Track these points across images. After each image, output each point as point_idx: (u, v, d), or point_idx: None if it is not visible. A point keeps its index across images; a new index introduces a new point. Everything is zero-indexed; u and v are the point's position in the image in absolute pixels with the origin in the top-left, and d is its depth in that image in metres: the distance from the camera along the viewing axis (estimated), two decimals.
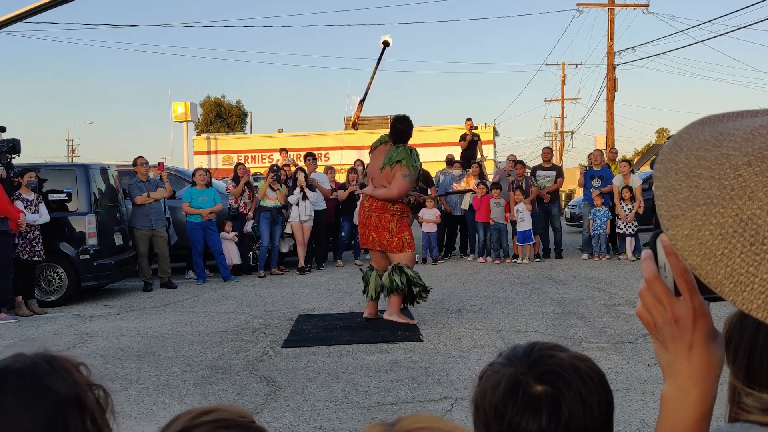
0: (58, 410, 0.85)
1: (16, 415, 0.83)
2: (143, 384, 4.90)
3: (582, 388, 0.96)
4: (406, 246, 6.65)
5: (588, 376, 0.98)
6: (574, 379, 0.97)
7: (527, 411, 0.94)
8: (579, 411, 0.95)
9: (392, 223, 6.60)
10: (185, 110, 28.95)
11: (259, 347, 5.90)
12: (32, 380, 0.86)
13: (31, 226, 8.00)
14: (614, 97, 23.10)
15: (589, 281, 9.06)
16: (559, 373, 0.97)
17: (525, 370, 0.98)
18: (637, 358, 5.12)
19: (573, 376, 0.97)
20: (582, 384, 0.97)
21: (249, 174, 11.33)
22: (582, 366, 0.99)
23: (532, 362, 0.99)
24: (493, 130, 25.84)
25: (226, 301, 8.48)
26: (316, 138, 26.04)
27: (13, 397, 0.84)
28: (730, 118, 0.67)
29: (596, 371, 1.00)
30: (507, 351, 1.05)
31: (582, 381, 0.97)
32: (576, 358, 1.01)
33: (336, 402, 4.34)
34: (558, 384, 0.96)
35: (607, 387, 1.00)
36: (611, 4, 22.86)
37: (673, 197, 0.63)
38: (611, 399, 1.00)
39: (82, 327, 7.16)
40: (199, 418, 0.84)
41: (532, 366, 0.99)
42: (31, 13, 11.43)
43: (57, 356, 0.92)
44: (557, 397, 0.95)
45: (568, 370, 0.98)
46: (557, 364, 0.98)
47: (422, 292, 6.60)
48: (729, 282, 0.58)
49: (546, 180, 12.05)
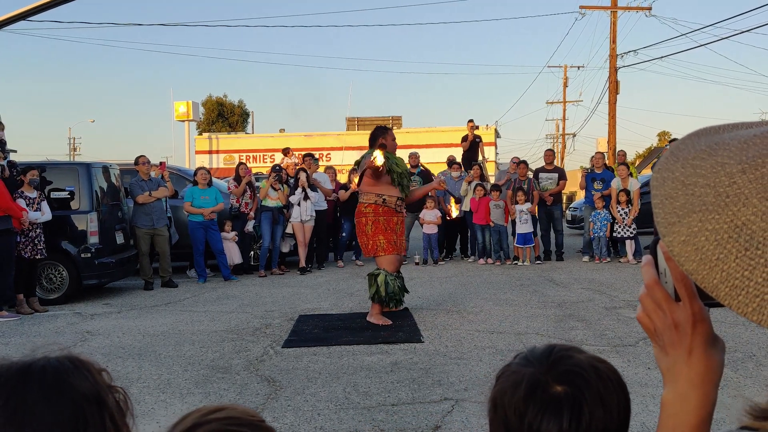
0: (79, 406, 0.87)
1: (38, 409, 0.85)
2: (144, 383, 4.91)
3: (602, 389, 0.97)
4: (380, 249, 6.63)
5: (607, 377, 0.99)
6: (593, 379, 0.97)
7: (548, 411, 0.95)
8: (599, 412, 0.95)
9: (367, 226, 6.66)
10: (187, 109, 29.02)
11: (259, 347, 5.91)
12: (55, 376, 0.88)
13: (33, 224, 8.02)
14: (616, 99, 23.09)
15: (589, 284, 9.07)
16: (579, 373, 0.98)
17: (545, 371, 0.99)
18: (637, 361, 5.12)
19: (593, 377, 0.98)
20: (602, 385, 0.97)
21: (251, 174, 11.35)
22: (601, 367, 1.00)
23: (552, 363, 1.00)
24: (494, 132, 25.89)
25: (227, 300, 8.49)
26: (318, 138, 26.09)
27: (36, 392, 0.86)
28: (726, 129, 0.69)
29: (615, 372, 1.01)
30: (525, 352, 1.06)
31: (602, 382, 0.98)
32: (594, 359, 1.02)
33: (336, 402, 4.35)
34: (578, 384, 0.96)
35: (625, 388, 1.01)
36: (614, 6, 22.86)
37: (670, 205, 0.64)
38: (629, 400, 1.00)
39: (83, 325, 7.18)
40: (209, 415, 0.85)
41: (552, 366, 0.99)
42: (34, 12, 11.46)
43: (81, 358, 0.94)
44: (578, 397, 0.95)
45: (587, 370, 0.98)
46: (577, 365, 0.99)
47: (390, 302, 6.67)
48: (724, 286, 0.59)
49: (548, 182, 12.06)
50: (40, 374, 0.88)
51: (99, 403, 0.89)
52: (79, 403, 0.87)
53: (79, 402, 0.87)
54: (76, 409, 0.87)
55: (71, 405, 0.87)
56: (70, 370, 0.90)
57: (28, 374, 0.88)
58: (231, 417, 0.86)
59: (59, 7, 11.59)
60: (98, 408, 0.89)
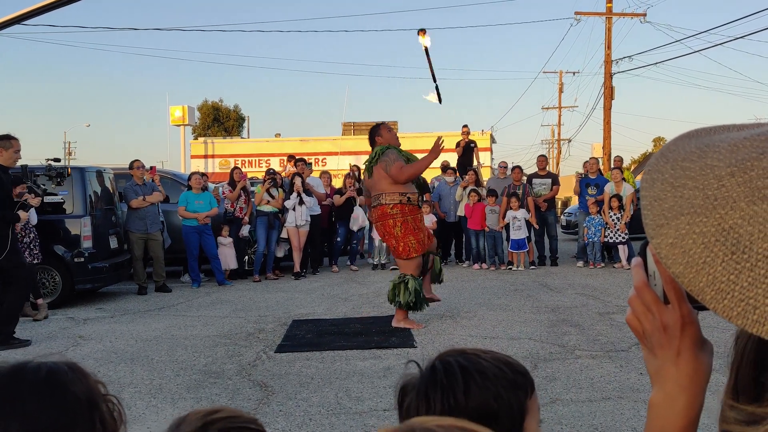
0: (70, 406, 0.88)
1: (28, 404, 0.86)
2: (136, 387, 4.89)
3: (484, 365, 1.05)
4: (412, 251, 6.46)
5: (491, 362, 1.07)
6: (474, 361, 1.06)
7: (449, 376, 1.04)
8: (480, 381, 1.03)
9: (396, 228, 6.44)
10: (183, 114, 29.01)
11: (252, 352, 5.90)
12: (48, 375, 0.90)
13: (26, 230, 7.97)
14: (611, 105, 23.16)
15: (583, 289, 9.07)
16: (465, 351, 1.10)
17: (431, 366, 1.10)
18: (630, 366, 5.12)
19: (474, 359, 1.07)
20: (485, 363, 1.06)
21: (246, 178, 11.35)
22: (484, 355, 1.09)
23: (434, 368, 1.10)
24: (490, 137, 25.91)
25: (220, 305, 8.47)
26: (314, 143, 26.08)
27: (28, 387, 0.88)
28: (717, 131, 0.69)
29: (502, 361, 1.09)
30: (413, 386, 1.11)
31: (484, 360, 1.07)
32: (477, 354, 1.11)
33: (328, 407, 4.34)
34: (471, 358, 1.07)
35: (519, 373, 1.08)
36: (609, 13, 22.95)
37: (659, 207, 0.64)
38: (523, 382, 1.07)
39: (76, 330, 7.15)
40: (211, 415, 0.86)
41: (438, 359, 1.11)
42: (30, 15, 11.43)
43: (79, 365, 0.96)
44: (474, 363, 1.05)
45: (469, 357, 1.08)
46: (461, 354, 1.10)
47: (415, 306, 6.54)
48: (710, 290, 0.59)
49: (542, 188, 12.08)
50: (34, 373, 0.90)
51: (90, 406, 0.90)
52: (70, 403, 0.88)
53: (71, 402, 0.88)
54: (66, 408, 0.88)
55: (62, 403, 0.88)
56: (64, 372, 0.91)
57: (22, 371, 0.90)
58: (233, 416, 0.88)
59: (55, 11, 11.58)
60: (89, 410, 0.89)
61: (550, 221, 12.04)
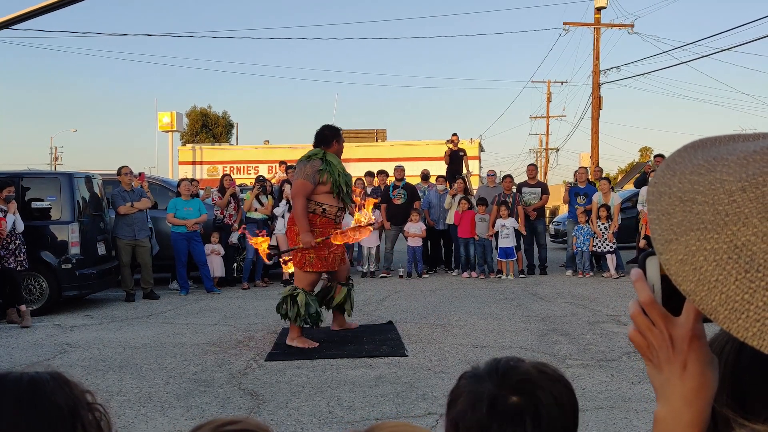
0: (52, 417, 0.87)
1: (7, 415, 0.85)
2: (125, 396, 4.83)
3: (554, 391, 1.04)
4: (308, 265, 6.15)
5: (556, 379, 1.06)
6: (545, 383, 1.04)
7: (511, 422, 1.00)
8: (555, 412, 1.02)
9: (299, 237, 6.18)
10: (171, 120, 28.88)
11: (242, 360, 5.85)
12: (30, 386, 0.89)
13: (12, 236, 7.89)
14: (599, 115, 23.32)
15: (573, 298, 9.09)
16: (531, 380, 1.04)
17: (498, 384, 1.04)
18: (621, 375, 5.13)
19: (545, 381, 1.04)
20: (553, 387, 1.04)
21: (235, 185, 11.30)
22: (548, 370, 1.07)
23: (502, 376, 1.05)
24: (478, 146, 25.99)
25: (209, 312, 8.41)
26: (303, 150, 25.95)
27: (9, 398, 0.86)
28: (723, 141, 0.67)
29: (560, 373, 1.09)
30: (470, 371, 1.12)
31: (552, 384, 1.05)
32: (540, 364, 1.09)
33: (320, 416, 4.31)
34: (532, 391, 1.02)
35: (571, 387, 1.08)
36: (597, 23, 23.14)
37: (667, 221, 0.63)
38: (576, 398, 1.08)
39: (63, 337, 7.07)
40: (224, 427, 0.85)
41: (504, 379, 1.04)
42: (18, 20, 11.36)
43: (64, 375, 0.94)
44: (534, 403, 1.02)
45: (537, 376, 1.05)
46: (526, 373, 1.05)
47: (312, 321, 6.25)
48: (724, 309, 0.58)
49: (531, 197, 12.12)
50: (16, 383, 0.88)
51: (73, 416, 0.89)
52: (53, 414, 0.87)
53: (53, 413, 0.87)
54: (47, 419, 0.87)
55: (44, 414, 0.87)
56: (46, 382, 0.90)
57: (4, 381, 0.89)
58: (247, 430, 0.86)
59: (43, 16, 11.52)
60: (72, 421, 0.88)
61: (540, 230, 12.08)
